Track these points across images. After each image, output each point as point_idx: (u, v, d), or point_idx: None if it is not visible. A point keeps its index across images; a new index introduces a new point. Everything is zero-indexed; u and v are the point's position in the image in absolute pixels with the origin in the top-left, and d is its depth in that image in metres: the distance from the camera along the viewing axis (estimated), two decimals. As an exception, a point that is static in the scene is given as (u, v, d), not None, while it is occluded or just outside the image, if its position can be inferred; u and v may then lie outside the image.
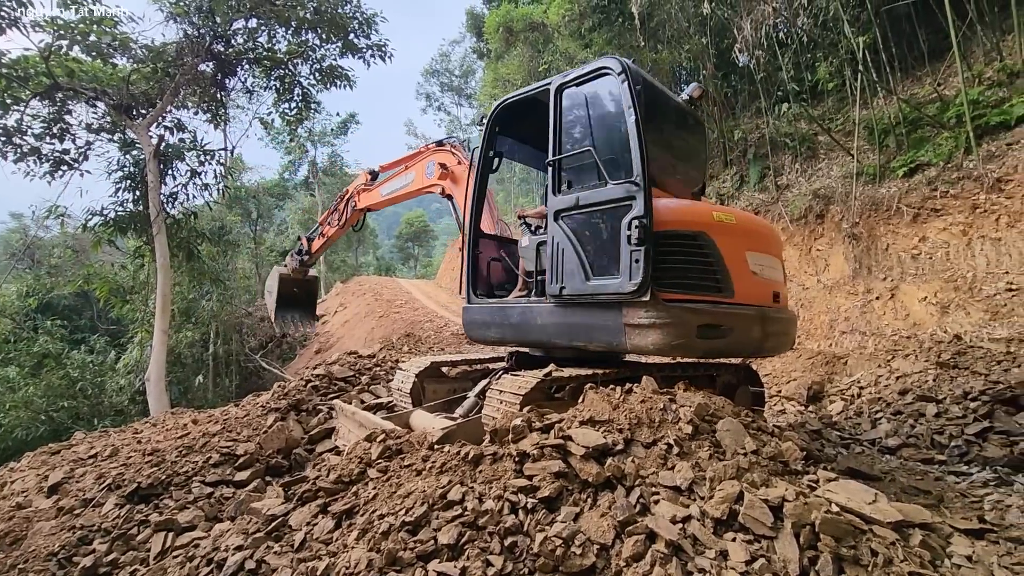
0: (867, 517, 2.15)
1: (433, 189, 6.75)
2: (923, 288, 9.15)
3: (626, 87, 3.67)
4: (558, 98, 4.12)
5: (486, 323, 4.60)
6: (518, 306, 4.36)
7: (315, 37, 13.78)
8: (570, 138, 4.06)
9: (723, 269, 3.69)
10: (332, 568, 2.41)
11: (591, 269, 3.71)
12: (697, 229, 3.65)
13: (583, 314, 3.82)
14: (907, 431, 4.87)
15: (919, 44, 11.37)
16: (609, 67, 3.82)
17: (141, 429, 6.34)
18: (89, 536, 3.71)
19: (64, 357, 15.55)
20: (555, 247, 3.92)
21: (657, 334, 3.44)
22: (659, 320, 3.44)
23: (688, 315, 3.50)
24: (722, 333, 3.64)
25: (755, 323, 3.87)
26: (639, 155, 3.53)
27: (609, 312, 3.64)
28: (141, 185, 13.19)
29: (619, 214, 3.58)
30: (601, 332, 3.71)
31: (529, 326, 4.17)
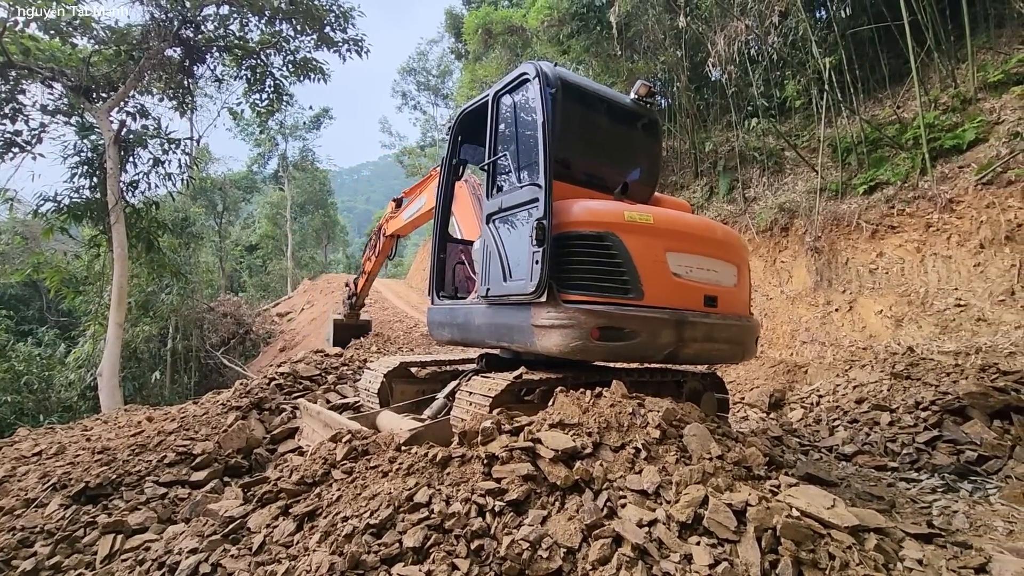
0: (826, 522, 2.21)
1: None
2: (879, 301, 9.52)
3: (537, 91, 3.77)
4: (495, 105, 4.28)
5: (442, 323, 4.75)
6: (463, 307, 4.52)
7: (289, 28, 13.50)
8: (500, 142, 4.20)
9: (631, 270, 3.57)
10: (292, 572, 2.34)
11: (509, 270, 3.82)
12: (603, 229, 3.57)
13: (505, 315, 3.92)
14: (862, 439, 5.05)
15: (881, 67, 11.87)
16: (526, 72, 3.96)
17: (91, 426, 6.05)
18: (30, 538, 3.51)
19: (9, 349, 14.74)
20: (485, 249, 4.07)
21: (558, 335, 3.44)
22: (558, 321, 3.44)
23: (587, 316, 3.42)
24: (625, 336, 3.50)
25: (668, 328, 3.64)
26: (543, 157, 3.61)
27: (522, 313, 3.71)
28: (99, 171, 12.63)
29: (528, 216, 3.69)
30: (517, 332, 3.76)
31: (469, 326, 4.31)
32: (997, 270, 8.27)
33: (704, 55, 13.25)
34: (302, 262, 40.26)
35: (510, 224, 3.91)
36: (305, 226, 41.79)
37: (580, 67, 16.69)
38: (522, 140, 4.00)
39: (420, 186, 7.71)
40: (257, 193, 40.37)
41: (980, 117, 9.32)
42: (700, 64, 14.36)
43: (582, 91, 4.27)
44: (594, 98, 4.40)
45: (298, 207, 40.33)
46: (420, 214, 7.57)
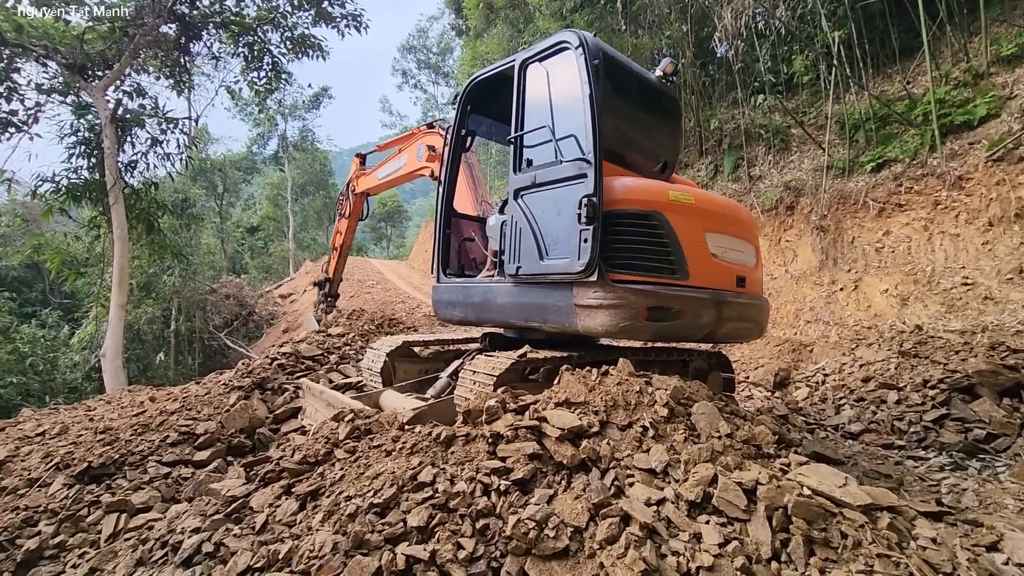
0: (838, 500, 2.16)
1: (423, 172, 6.70)
2: (885, 280, 9.43)
3: (582, 61, 3.55)
4: (522, 74, 4.02)
5: (452, 302, 4.55)
6: (480, 285, 4.32)
7: (287, 3, 13.21)
8: (531, 114, 3.95)
9: (678, 250, 3.56)
10: (295, 551, 2.32)
11: (545, 248, 3.63)
12: (650, 208, 3.52)
13: (537, 294, 3.75)
14: (869, 417, 5.01)
15: (891, 41, 11.58)
16: (567, 40, 3.69)
17: (94, 407, 6.06)
18: (34, 517, 3.51)
19: (13, 331, 14.77)
20: (514, 226, 3.84)
21: (605, 315, 3.35)
22: (607, 301, 3.34)
23: (637, 297, 3.38)
24: (672, 316, 3.51)
25: (710, 307, 3.71)
26: (591, 131, 3.43)
27: (561, 292, 3.56)
28: (97, 152, 12.49)
29: (571, 192, 3.48)
30: (553, 313, 3.63)
31: (489, 305, 4.12)
32: (1006, 248, 8.15)
33: (710, 29, 12.94)
34: (304, 243, 40.17)
35: (547, 200, 3.69)
36: (306, 207, 41.58)
37: (583, 43, 16.34)
38: (560, 112, 3.73)
39: (399, 144, 7.38)
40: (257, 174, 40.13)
41: (992, 92, 9.11)
42: (706, 39, 14.04)
43: (619, 65, 4.08)
44: (628, 73, 4.23)
45: (299, 188, 40.10)
46: (399, 175, 7.30)
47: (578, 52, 3.59)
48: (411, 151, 6.86)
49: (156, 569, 2.63)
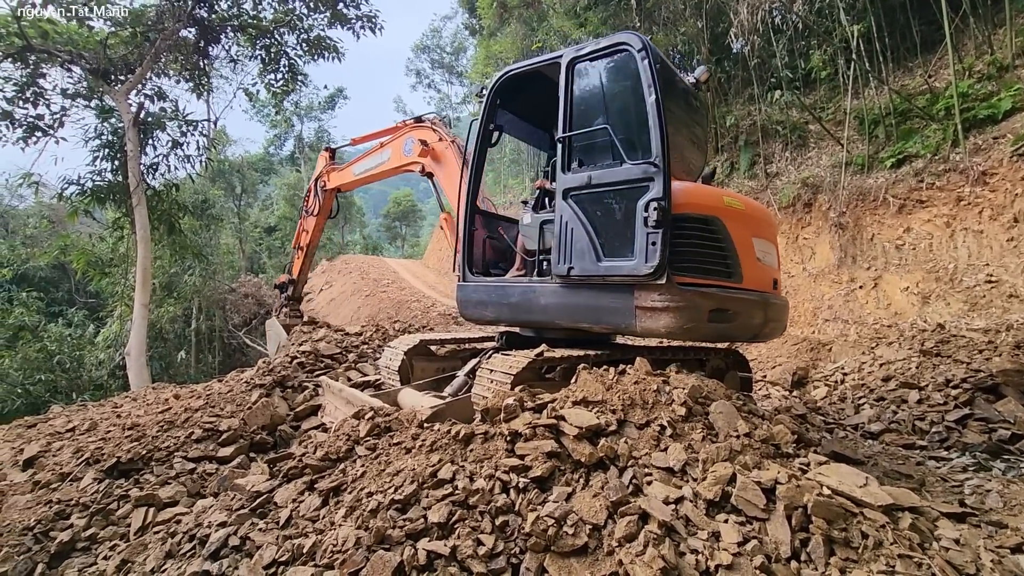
0: (858, 500, 2.16)
1: (412, 167, 6.46)
2: (905, 278, 9.28)
3: (646, 65, 3.53)
4: (570, 72, 3.95)
5: (483, 302, 4.43)
6: (518, 285, 4.21)
7: (303, 5, 13.37)
8: (582, 114, 3.90)
9: (733, 254, 3.69)
10: (319, 546, 2.37)
11: (603, 250, 3.61)
12: (711, 213, 3.62)
13: (591, 295, 3.73)
14: (889, 417, 4.95)
15: (912, 35, 11.37)
16: (629, 44, 3.66)
17: (121, 403, 6.22)
18: (67, 510, 3.63)
19: (41, 330, 15.18)
20: (563, 226, 3.78)
21: (669, 317, 3.40)
22: (672, 303, 3.39)
23: (700, 299, 3.48)
24: (729, 318, 3.64)
25: (759, 309, 3.88)
26: (659, 136, 3.43)
27: (619, 294, 3.57)
28: (120, 154, 12.77)
29: (634, 195, 3.48)
30: (609, 314, 3.64)
31: (531, 306, 4.04)
32: (1032, 245, 7.98)
33: (726, 25, 12.82)
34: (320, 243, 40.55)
35: (605, 201, 3.66)
36: (322, 207, 41.91)
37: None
38: (618, 115, 3.74)
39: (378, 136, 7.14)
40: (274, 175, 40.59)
41: (1017, 85, 8.91)
42: (722, 35, 13.90)
43: (668, 69, 4.09)
44: (673, 78, 4.24)
45: (314, 189, 40.40)
46: (380, 171, 6.95)
47: (641, 56, 3.58)
48: (396, 146, 6.57)
49: (185, 562, 2.71)
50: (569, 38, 17.69)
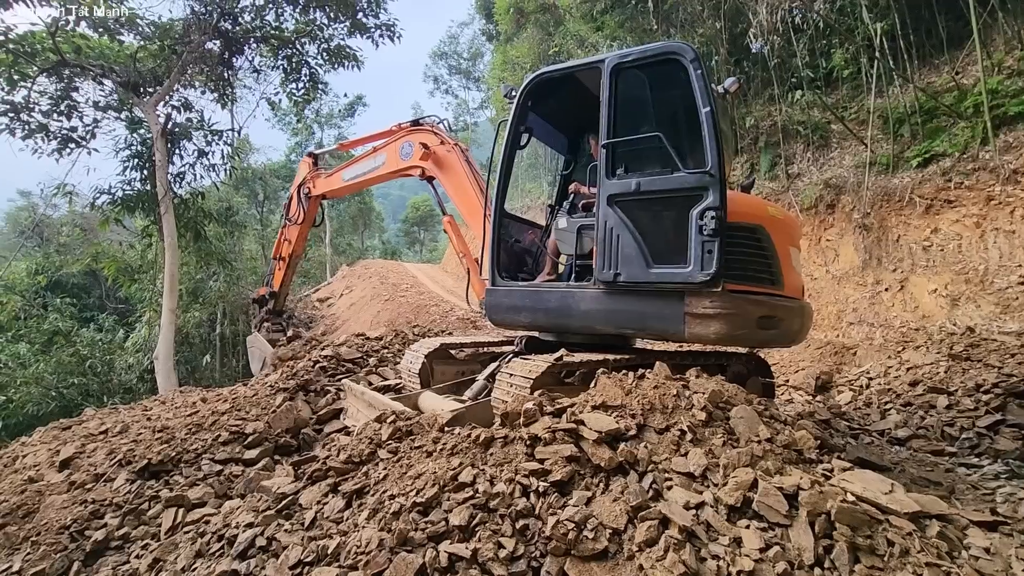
0: (883, 507, 2.13)
1: (411, 172, 6.37)
2: (933, 280, 9.06)
3: (700, 75, 3.57)
4: (613, 78, 3.93)
5: (515, 307, 4.36)
6: (556, 290, 4.17)
7: (323, 16, 13.63)
8: (627, 121, 3.90)
9: (776, 262, 3.79)
10: (343, 547, 2.42)
11: (652, 256, 3.63)
12: (757, 222, 3.71)
13: (636, 301, 3.75)
14: (917, 422, 4.85)
15: (938, 31, 11.11)
16: (681, 53, 3.68)
17: (150, 406, 6.40)
18: (101, 510, 3.75)
19: (74, 335, 15.68)
20: (608, 232, 3.77)
21: (720, 324, 3.47)
22: (724, 310, 3.46)
23: (750, 306, 3.57)
24: (776, 324, 3.73)
25: (797, 315, 4.00)
26: (715, 146, 3.47)
27: (668, 300, 3.61)
28: (148, 164, 13.17)
29: (687, 203, 3.52)
30: (656, 320, 3.68)
31: (570, 311, 4.02)
32: (1067, 245, 7.73)
33: (744, 26, 12.70)
34: (340, 248, 41.11)
35: (655, 208, 3.70)
36: (342, 213, 42.56)
37: (615, 43, 16.27)
38: (666, 122, 3.76)
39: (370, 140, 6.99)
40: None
41: (1051, 80, 8.65)
42: (740, 36, 13.76)
43: None
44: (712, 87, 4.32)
45: (334, 194, 41.01)
46: (374, 175, 6.73)
47: (694, 66, 3.61)
48: (392, 150, 6.38)
49: (214, 561, 2.78)
50: (586, 42, 17.71)
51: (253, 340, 8.83)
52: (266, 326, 8.86)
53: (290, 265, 8.54)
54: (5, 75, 11.07)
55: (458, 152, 5.84)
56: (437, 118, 6.35)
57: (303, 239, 8.37)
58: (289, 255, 8.40)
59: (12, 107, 11.59)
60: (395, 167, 6.41)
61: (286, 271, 8.60)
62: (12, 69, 11.16)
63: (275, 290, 8.80)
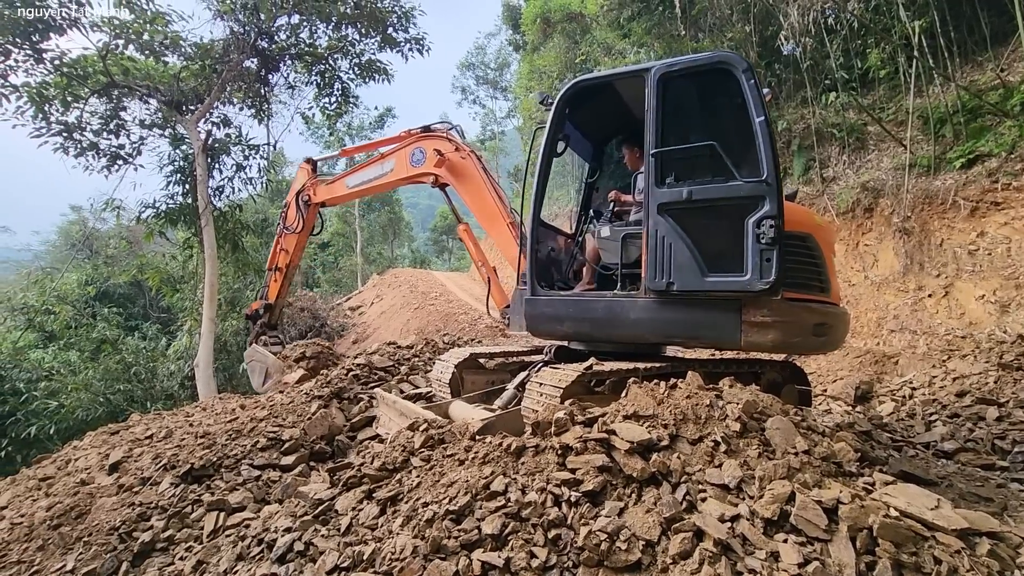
0: (929, 523, 2.06)
1: (423, 179, 6.21)
2: (980, 285, 8.68)
3: (752, 86, 3.59)
4: (660, 86, 3.91)
5: (558, 317, 4.29)
6: (603, 300, 4.13)
7: (355, 32, 13.99)
8: (677, 129, 3.90)
9: (824, 270, 3.87)
10: (378, 553, 2.47)
11: (707, 265, 3.63)
12: (807, 231, 3.78)
13: (689, 310, 3.74)
14: (965, 435, 4.64)
15: (980, 27, 10.72)
16: (732, 63, 3.70)
17: (192, 413, 6.62)
18: (147, 513, 3.90)
19: (120, 343, 16.35)
20: (659, 240, 3.77)
21: (777, 332, 3.52)
22: (781, 318, 3.51)
23: (806, 314, 3.64)
24: (827, 331, 3.78)
25: (843, 322, 4.10)
26: (771, 155, 3.51)
27: (723, 309, 3.63)
28: (190, 179, 13.71)
29: (742, 212, 3.53)
30: (709, 329, 3.70)
31: (618, 321, 3.99)
32: None
33: (775, 28, 12.50)
34: (370, 257, 41.86)
35: (709, 217, 3.71)
36: (372, 223, 43.37)
37: (642, 50, 16.22)
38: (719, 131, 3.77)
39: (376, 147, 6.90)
40: (328, 193, 42.21)
41: (1105, 75, 8.24)
42: (771, 38, 13.55)
43: None
44: None
45: (365, 205, 41.89)
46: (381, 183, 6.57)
47: (746, 76, 3.63)
48: (402, 156, 6.23)
49: (254, 564, 2.87)
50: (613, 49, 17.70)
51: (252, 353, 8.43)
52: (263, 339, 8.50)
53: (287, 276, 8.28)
54: (60, 97, 11.70)
55: (474, 159, 5.77)
56: (449, 123, 6.24)
57: (301, 248, 8.21)
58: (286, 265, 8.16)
59: (66, 127, 12.23)
60: (405, 174, 6.29)
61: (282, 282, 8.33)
62: (66, 91, 11.80)
63: (271, 302, 8.47)
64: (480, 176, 5.73)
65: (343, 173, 7.22)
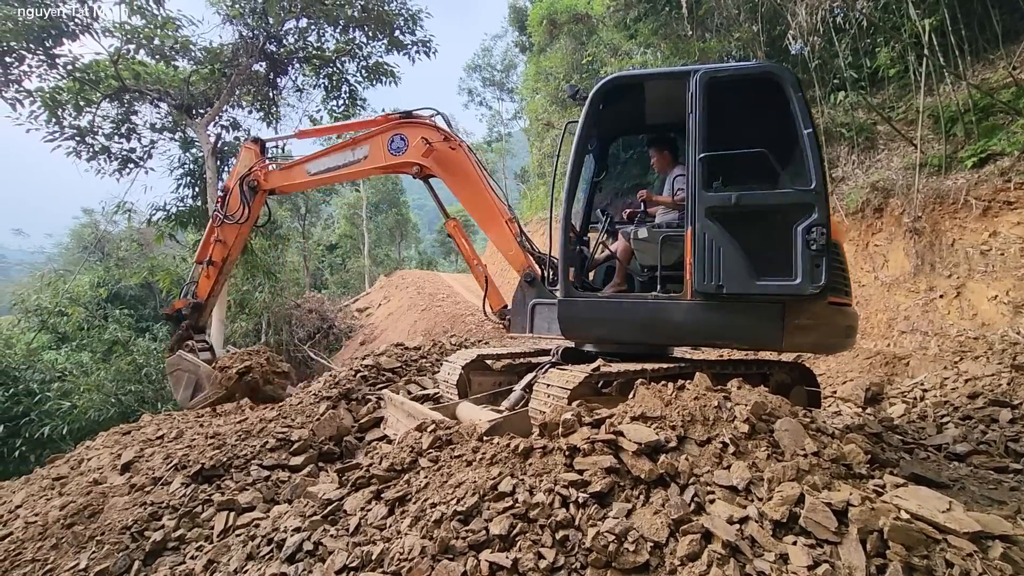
0: (941, 526, 2.04)
1: (403, 168, 5.66)
2: (993, 286, 8.57)
3: (799, 98, 3.74)
4: (705, 91, 3.94)
5: (597, 319, 4.23)
6: (643, 302, 4.11)
7: (362, 35, 14.08)
8: (723, 135, 3.94)
9: (847, 275, 4.09)
10: (387, 553, 2.48)
11: (757, 269, 3.71)
12: (837, 238, 3.92)
13: (733, 313, 3.81)
14: (978, 437, 4.59)
15: (992, 25, 10.60)
16: (779, 75, 3.84)
17: (202, 413, 6.67)
18: (159, 512, 3.94)
19: (131, 344, 16.50)
20: (708, 243, 3.81)
21: (817, 334, 3.82)
22: (821, 321, 3.77)
23: (839, 316, 3.90)
24: (852, 332, 4.09)
25: (856, 322, 4.28)
26: (818, 165, 3.69)
27: (768, 312, 3.74)
28: (200, 181, 13.85)
29: (790, 218, 3.68)
30: (752, 331, 3.81)
31: (662, 323, 4.00)
32: None
33: (783, 28, 12.43)
34: (378, 259, 42.09)
35: (757, 222, 3.81)
36: (380, 225, 43.62)
37: (649, 51, 16.19)
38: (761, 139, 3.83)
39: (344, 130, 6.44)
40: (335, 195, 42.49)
41: (1120, 73, 8.13)
42: (779, 38, 13.48)
43: None
44: None
45: (372, 207, 42.13)
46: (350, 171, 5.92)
47: (792, 89, 3.77)
48: (378, 143, 5.60)
49: (264, 564, 2.89)
50: (619, 50, 17.68)
51: (177, 362, 7.17)
52: (189, 344, 7.21)
53: (222, 271, 6.90)
54: (72, 102, 11.87)
55: (465, 150, 5.37)
56: (434, 110, 5.69)
57: (242, 241, 7.00)
58: (223, 259, 6.77)
59: (78, 131, 12.40)
60: (383, 162, 5.66)
61: (216, 278, 6.91)
62: (78, 96, 11.96)
63: (200, 301, 7.09)
64: (474, 169, 5.34)
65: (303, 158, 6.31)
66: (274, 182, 6.57)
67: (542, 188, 31.07)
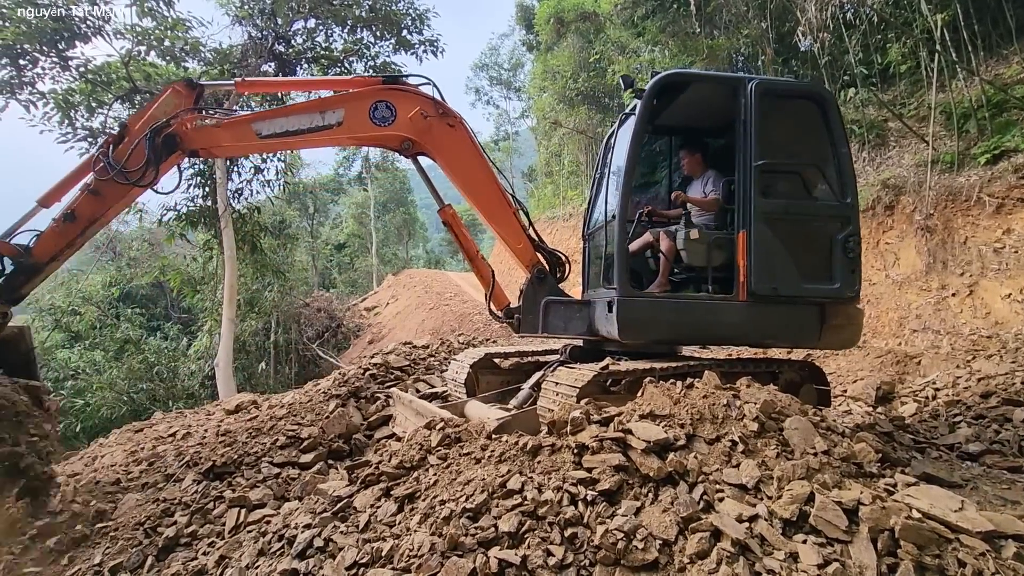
0: (953, 525, 2.03)
1: (387, 142, 4.87)
2: (1007, 284, 8.46)
3: (838, 119, 4.16)
4: (758, 99, 4.12)
5: (655, 320, 4.14)
6: (702, 303, 4.21)
7: (370, 35, 14.12)
8: (770, 145, 4.16)
9: None
10: (396, 550, 2.50)
11: (803, 272, 4.08)
12: None
13: (781, 313, 4.14)
14: (991, 437, 4.54)
15: (1006, 20, 10.46)
16: (824, 96, 4.28)
17: (213, 411, 6.74)
18: (171, 509, 3.99)
19: (143, 343, 16.73)
20: (764, 247, 4.06)
21: (849, 332, 4.23)
22: (852, 321, 4.19)
23: (861, 316, 4.34)
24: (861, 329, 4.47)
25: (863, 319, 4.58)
26: (852, 181, 4.18)
27: (810, 313, 4.12)
28: (210, 182, 13.95)
29: (829, 227, 4.13)
30: (793, 331, 4.20)
31: (716, 323, 4.19)
32: None
33: (792, 24, 12.32)
34: (385, 258, 42.20)
35: (801, 229, 4.18)
36: (387, 224, 43.73)
37: (656, 48, 16.12)
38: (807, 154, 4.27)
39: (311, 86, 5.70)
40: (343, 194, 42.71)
41: None
42: (788, 35, 13.35)
43: None
44: None
45: (380, 206, 42.24)
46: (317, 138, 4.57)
47: (833, 110, 4.18)
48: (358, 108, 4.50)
49: (275, 560, 2.92)
50: (627, 48, 17.61)
51: None
52: None
53: (83, 234, 4.55)
54: (85, 103, 11.99)
55: (466, 129, 4.69)
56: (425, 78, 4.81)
57: (125, 206, 5.19)
58: (89, 220, 4.49)
59: (90, 133, 12.52)
60: (362, 132, 4.65)
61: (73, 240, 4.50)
62: (91, 98, 12.08)
63: (38, 263, 4.47)
64: (478, 153, 4.77)
65: (250, 114, 4.81)
66: (202, 141, 4.59)
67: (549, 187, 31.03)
